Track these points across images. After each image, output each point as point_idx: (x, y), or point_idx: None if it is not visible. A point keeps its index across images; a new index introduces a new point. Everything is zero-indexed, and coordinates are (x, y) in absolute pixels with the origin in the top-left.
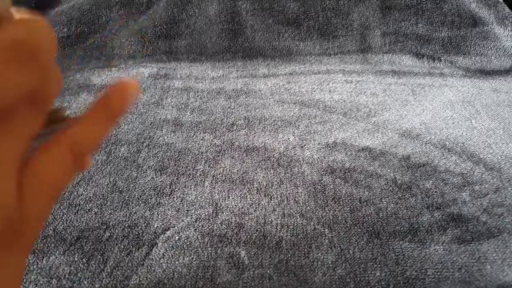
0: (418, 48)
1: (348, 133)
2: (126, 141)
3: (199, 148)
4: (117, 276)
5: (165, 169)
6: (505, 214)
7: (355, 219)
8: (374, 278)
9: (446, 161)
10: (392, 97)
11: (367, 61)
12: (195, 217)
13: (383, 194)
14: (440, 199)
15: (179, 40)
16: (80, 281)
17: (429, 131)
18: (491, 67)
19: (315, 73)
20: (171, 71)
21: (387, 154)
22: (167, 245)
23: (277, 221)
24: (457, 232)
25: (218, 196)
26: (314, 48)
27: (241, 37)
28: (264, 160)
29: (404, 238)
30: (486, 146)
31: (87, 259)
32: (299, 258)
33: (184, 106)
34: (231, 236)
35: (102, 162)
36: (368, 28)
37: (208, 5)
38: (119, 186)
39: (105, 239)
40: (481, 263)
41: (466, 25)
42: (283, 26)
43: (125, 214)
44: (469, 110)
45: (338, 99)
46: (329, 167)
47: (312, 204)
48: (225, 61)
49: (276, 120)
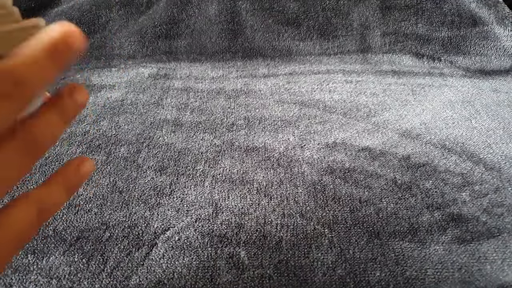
0: (418, 48)
1: (348, 133)
2: (126, 141)
3: (199, 148)
4: (117, 276)
5: (165, 169)
6: (505, 214)
7: (355, 219)
8: (374, 278)
9: (446, 161)
10: (392, 97)
11: (367, 61)
12: (195, 217)
13: (383, 194)
14: (440, 199)
15: (179, 40)
16: (80, 281)
17: (429, 131)
18: (491, 67)
19: (315, 73)
20: (171, 71)
21: (387, 154)
22: (167, 245)
23: (277, 221)
24: (457, 232)
25: (218, 196)
26: (314, 48)
27: (241, 37)
28: (264, 160)
29: (404, 238)
30: (486, 146)
31: (87, 259)
32: (299, 258)
33: (184, 106)
34: (231, 236)
35: (102, 162)
36: (368, 28)
37: (208, 5)
38: (119, 186)
39: (105, 239)
40: (481, 263)
41: (466, 25)
42: (283, 26)
43: (125, 214)
44: (469, 110)
45: (338, 99)
46: (329, 167)
47: (312, 204)
48: (225, 61)
49: (276, 120)
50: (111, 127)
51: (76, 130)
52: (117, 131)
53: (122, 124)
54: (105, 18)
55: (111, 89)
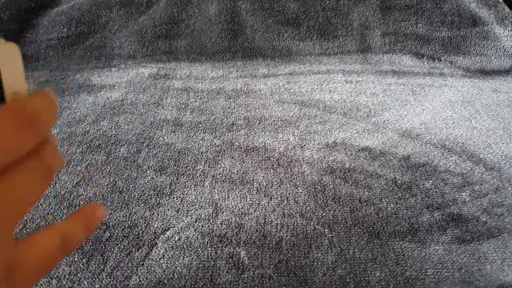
0: (418, 48)
1: (348, 133)
2: (126, 141)
3: (199, 148)
4: (117, 276)
5: (165, 169)
6: (505, 214)
7: (355, 219)
8: (374, 278)
9: (446, 161)
10: (392, 97)
11: (367, 61)
12: (195, 217)
13: (383, 194)
14: (440, 199)
15: (179, 40)
16: (80, 281)
17: (429, 131)
18: (491, 67)
19: (315, 73)
20: (171, 71)
21: (387, 154)
22: (167, 245)
23: (277, 221)
24: (457, 232)
25: (218, 196)
26: (314, 48)
27: (241, 37)
28: (264, 160)
29: (404, 238)
30: (486, 146)
31: (87, 259)
32: (299, 258)
33: (184, 106)
34: (231, 236)
35: (102, 162)
36: (368, 28)
37: (208, 5)
38: (119, 186)
39: (105, 239)
40: (481, 263)
41: (466, 25)
42: (283, 26)
43: (125, 214)
44: (469, 110)
45: (338, 99)
46: (329, 167)
47: (312, 204)
48: (225, 61)
49: (276, 120)
50: (111, 127)
51: (76, 130)
52: (117, 131)
53: (122, 124)
54: (105, 18)
55: (111, 89)
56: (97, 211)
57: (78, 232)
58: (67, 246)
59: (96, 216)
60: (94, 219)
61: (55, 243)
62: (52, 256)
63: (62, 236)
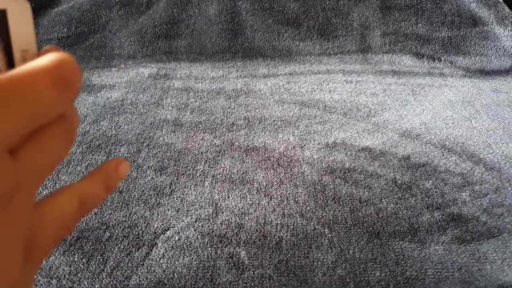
0: (418, 48)
1: (348, 133)
2: (126, 141)
3: (199, 148)
4: (117, 276)
5: (165, 169)
6: (505, 214)
7: (355, 219)
8: (374, 278)
9: (446, 161)
10: (392, 97)
11: (367, 61)
12: (195, 217)
13: (383, 194)
14: (440, 199)
15: (179, 40)
16: (80, 281)
17: (429, 131)
18: (491, 67)
19: (315, 73)
20: (171, 71)
21: (387, 154)
22: (167, 245)
23: (277, 221)
24: (457, 232)
25: (218, 196)
26: (314, 48)
27: (241, 37)
28: (264, 160)
29: (404, 238)
30: (486, 146)
31: (87, 259)
32: (299, 258)
33: (184, 106)
34: (231, 236)
35: (102, 162)
36: (368, 28)
37: (208, 5)
38: (119, 186)
39: (105, 239)
40: (481, 263)
41: (466, 25)
42: (283, 26)
43: (125, 214)
44: (469, 110)
45: (338, 99)
46: (329, 167)
47: (312, 204)
48: (225, 61)
49: (276, 120)
50: (111, 127)
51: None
52: (117, 131)
53: (122, 124)
54: (105, 18)
55: (111, 89)
56: (121, 166)
57: (97, 194)
58: (86, 209)
59: (119, 173)
60: (117, 177)
61: (73, 208)
62: (71, 219)
63: (81, 199)
